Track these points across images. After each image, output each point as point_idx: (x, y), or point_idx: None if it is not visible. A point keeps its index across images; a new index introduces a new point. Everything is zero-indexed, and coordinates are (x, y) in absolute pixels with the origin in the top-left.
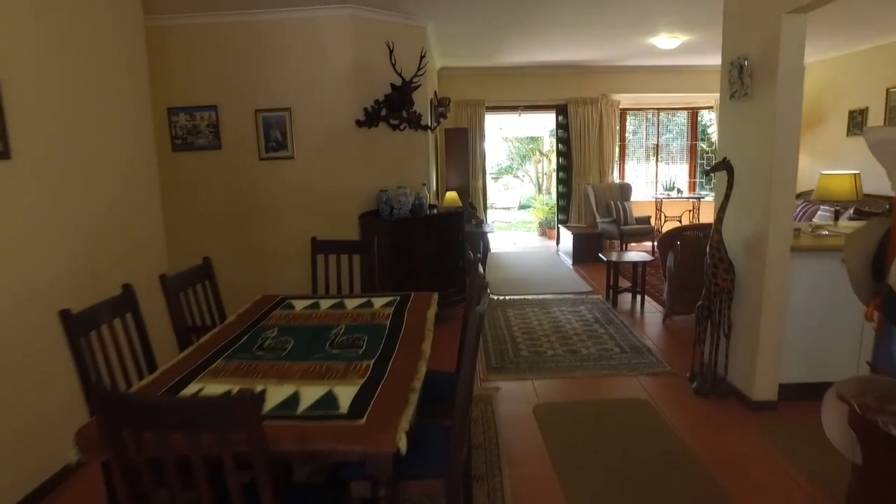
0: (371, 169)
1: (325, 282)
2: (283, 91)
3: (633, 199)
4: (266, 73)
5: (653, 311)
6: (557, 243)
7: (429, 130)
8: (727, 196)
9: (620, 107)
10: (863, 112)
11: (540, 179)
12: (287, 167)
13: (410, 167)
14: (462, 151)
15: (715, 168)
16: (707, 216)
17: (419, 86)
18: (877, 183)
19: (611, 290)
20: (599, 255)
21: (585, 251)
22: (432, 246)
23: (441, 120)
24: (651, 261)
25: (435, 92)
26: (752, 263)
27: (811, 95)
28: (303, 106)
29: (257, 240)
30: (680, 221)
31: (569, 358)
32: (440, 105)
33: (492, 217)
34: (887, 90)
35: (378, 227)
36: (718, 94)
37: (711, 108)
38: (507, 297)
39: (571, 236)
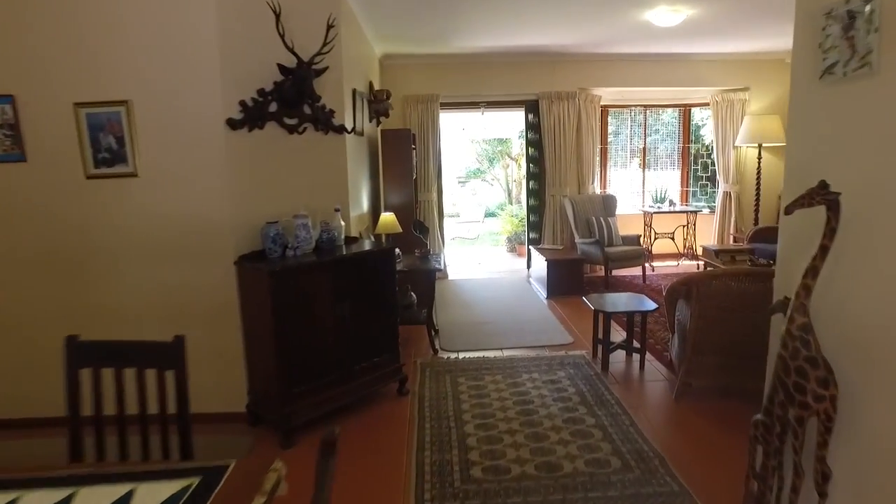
0: (256, 189)
1: (96, 424)
2: (117, 76)
3: (617, 213)
4: (90, 49)
5: (658, 379)
6: (528, 266)
7: (347, 133)
8: (823, 249)
9: (601, 103)
10: None
11: (509, 186)
12: (128, 188)
13: (318, 185)
14: (403, 158)
15: (800, 202)
16: (705, 233)
17: (325, 69)
18: None
19: (599, 346)
20: (584, 299)
21: (563, 282)
22: (346, 301)
23: (380, 119)
24: (654, 310)
25: (370, 84)
26: (876, 372)
27: None
28: (147, 98)
29: (92, 295)
30: (672, 238)
31: (544, 481)
32: (375, 99)
33: (452, 232)
34: None
35: (261, 278)
36: (714, 89)
37: (707, 104)
38: (461, 356)
39: (545, 263)
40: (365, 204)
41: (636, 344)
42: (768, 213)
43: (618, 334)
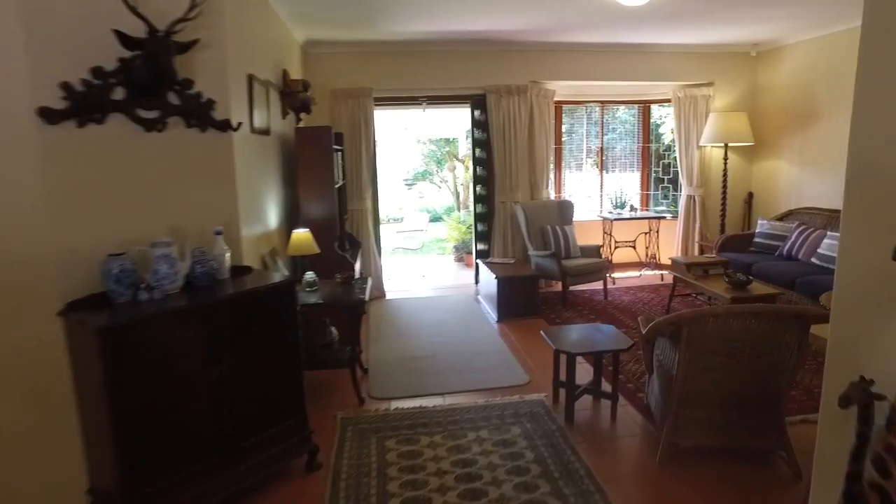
0: (94, 209)
1: None
2: None
3: (574, 220)
4: None
5: (635, 434)
6: (477, 281)
7: (233, 130)
8: None
9: (555, 99)
10: None
11: (457, 189)
12: None
13: (192, 200)
14: (322, 162)
15: None
16: (669, 241)
17: (194, 43)
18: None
19: (560, 391)
20: (543, 335)
21: (516, 302)
22: (228, 357)
23: (300, 116)
24: (629, 348)
25: (284, 73)
26: None
27: (799, 83)
28: None
29: None
30: (634, 247)
31: None
32: (290, 91)
33: (393, 242)
34: None
35: (88, 336)
36: (676, 84)
37: (668, 100)
38: (394, 405)
39: (496, 280)
40: (273, 220)
41: (607, 386)
42: (734, 219)
43: (583, 369)
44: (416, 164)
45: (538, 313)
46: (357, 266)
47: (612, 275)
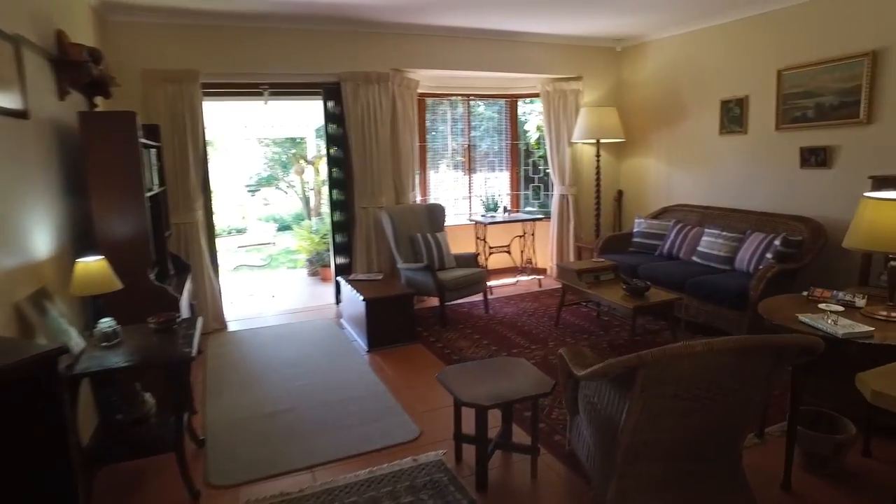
0: None
1: None
2: None
3: (445, 226)
4: None
5: (564, 494)
6: (338, 301)
7: None
8: None
9: (419, 90)
10: (741, 102)
11: (306, 194)
12: None
13: None
14: (127, 161)
15: None
16: (542, 244)
17: None
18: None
19: (463, 446)
20: (440, 381)
21: (389, 327)
22: None
23: (94, 101)
24: (552, 389)
25: (58, 33)
26: None
27: (663, 80)
28: None
29: None
30: (509, 252)
31: None
32: (67, 59)
33: (235, 259)
34: (779, 72)
35: None
36: (545, 77)
37: (536, 95)
38: (244, 496)
39: (363, 303)
40: (42, 245)
41: (520, 434)
42: (607, 218)
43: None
44: (259, 169)
45: (415, 338)
46: (184, 298)
47: (489, 283)
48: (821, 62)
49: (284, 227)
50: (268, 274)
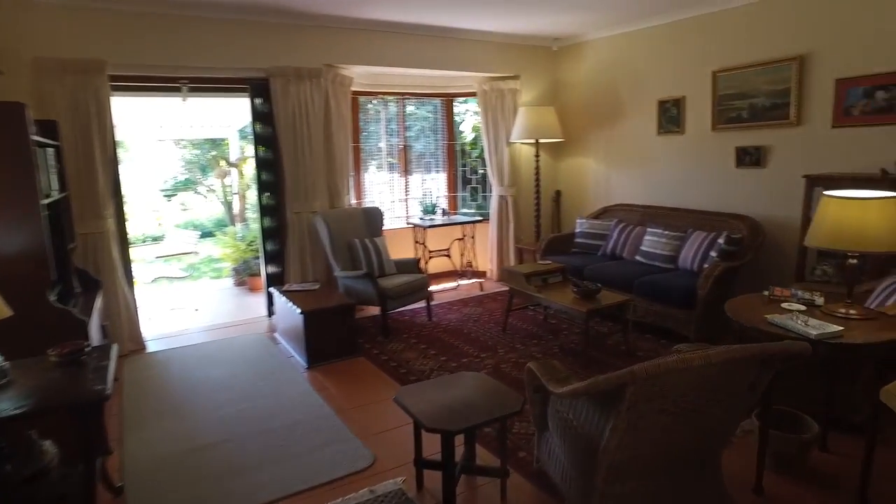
0: None
1: None
2: None
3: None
4: None
5: None
6: (270, 313)
7: None
8: None
9: (352, 88)
10: (678, 102)
11: (228, 198)
12: None
13: None
14: (13, 162)
15: None
16: (483, 247)
17: None
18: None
19: (424, 472)
20: (398, 403)
21: (330, 340)
22: None
23: None
24: (522, 408)
25: None
26: None
27: (605, 79)
28: None
29: None
30: (448, 255)
31: None
32: None
33: (153, 270)
34: (714, 74)
35: None
36: (482, 76)
37: (473, 94)
38: None
39: (301, 316)
40: None
41: (483, 454)
42: (547, 219)
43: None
44: (176, 172)
45: (358, 351)
46: (94, 320)
47: (430, 288)
48: (753, 65)
49: (207, 234)
50: (190, 286)
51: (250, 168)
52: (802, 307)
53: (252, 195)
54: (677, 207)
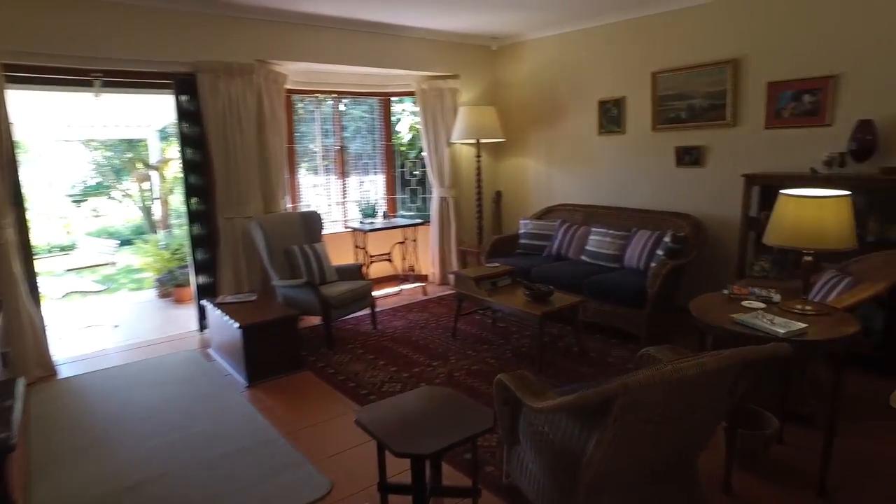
0: None
1: None
2: None
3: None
4: None
5: None
6: (202, 328)
7: None
8: None
9: (286, 86)
10: (619, 102)
11: (146, 203)
12: None
13: None
14: None
15: None
16: (425, 250)
17: None
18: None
19: (387, 496)
20: (360, 426)
21: (272, 355)
22: None
23: None
24: (494, 424)
25: None
26: None
27: (545, 79)
28: None
29: None
30: (390, 260)
31: None
32: None
33: (64, 284)
34: (653, 75)
35: None
36: (421, 74)
37: (412, 93)
38: None
39: (238, 330)
40: None
41: (449, 472)
42: (489, 221)
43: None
44: (86, 175)
45: (302, 365)
46: None
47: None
48: (691, 66)
49: (126, 242)
50: (107, 299)
51: (175, 171)
52: (762, 305)
53: (177, 200)
54: (620, 207)
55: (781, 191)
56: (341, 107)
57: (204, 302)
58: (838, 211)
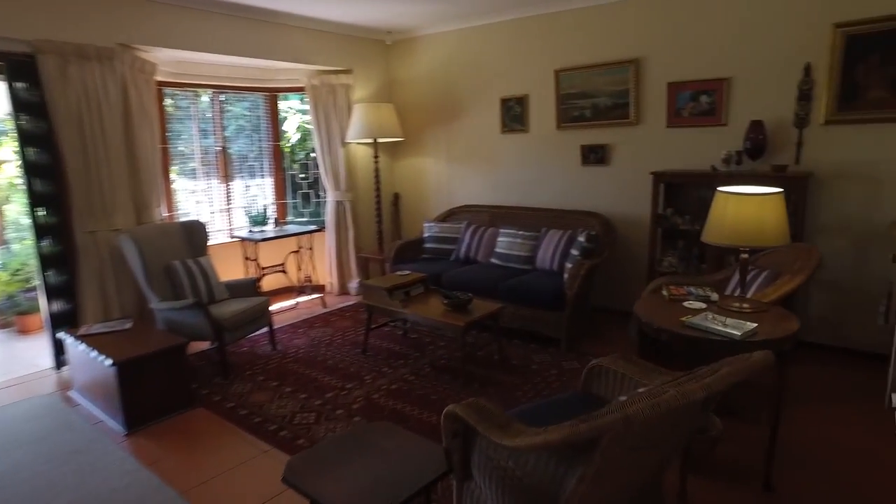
0: None
1: None
2: None
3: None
4: None
5: None
6: (59, 365)
7: None
8: None
9: (157, 77)
10: (522, 101)
11: None
12: None
13: None
14: None
15: None
16: (321, 256)
17: None
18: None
19: None
20: (289, 484)
21: (154, 394)
22: None
23: None
24: (450, 468)
25: None
26: None
27: (444, 76)
28: None
29: None
30: (284, 271)
31: None
32: None
33: None
34: (556, 73)
35: None
36: (311, 69)
37: (301, 89)
38: None
39: (113, 370)
40: None
41: None
42: (388, 224)
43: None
44: None
45: (194, 401)
46: None
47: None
48: (594, 65)
49: None
50: None
51: (10, 175)
52: (703, 305)
53: (14, 210)
54: (528, 207)
55: (719, 188)
56: (221, 99)
57: (62, 334)
58: (776, 208)
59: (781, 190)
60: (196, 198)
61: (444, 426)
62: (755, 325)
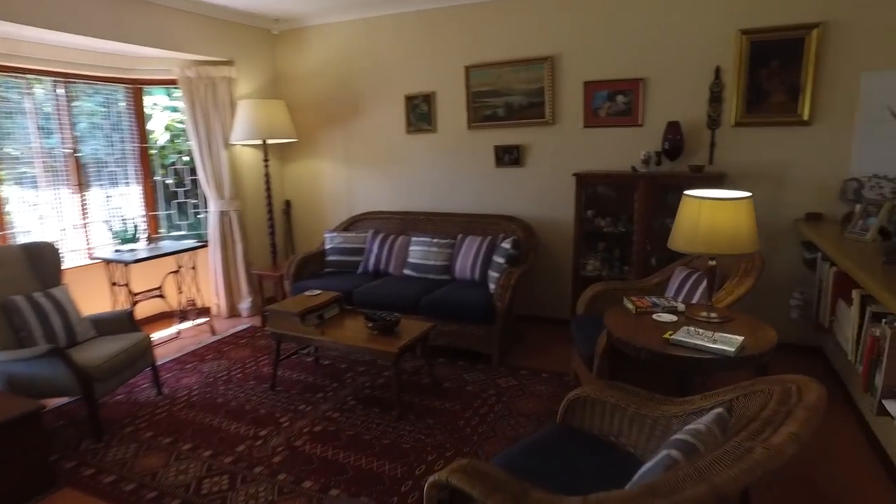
0: None
1: None
2: None
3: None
4: None
5: None
6: None
7: None
8: None
9: None
10: (428, 98)
11: None
12: None
13: None
14: None
15: None
16: (205, 275)
17: None
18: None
19: None
20: None
21: (2, 476)
22: None
23: None
24: None
25: None
26: None
27: (339, 70)
28: None
29: None
30: (162, 296)
31: None
32: None
33: None
34: (467, 69)
35: None
36: (185, 58)
37: (173, 81)
38: None
39: None
40: None
41: None
42: (281, 236)
43: None
44: None
45: (58, 480)
46: None
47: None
48: (507, 62)
49: None
50: None
51: None
52: (674, 317)
53: None
54: (441, 212)
55: (686, 192)
56: (93, 103)
57: None
58: (750, 213)
59: (750, 194)
60: (39, 212)
61: (427, 496)
62: (741, 338)
